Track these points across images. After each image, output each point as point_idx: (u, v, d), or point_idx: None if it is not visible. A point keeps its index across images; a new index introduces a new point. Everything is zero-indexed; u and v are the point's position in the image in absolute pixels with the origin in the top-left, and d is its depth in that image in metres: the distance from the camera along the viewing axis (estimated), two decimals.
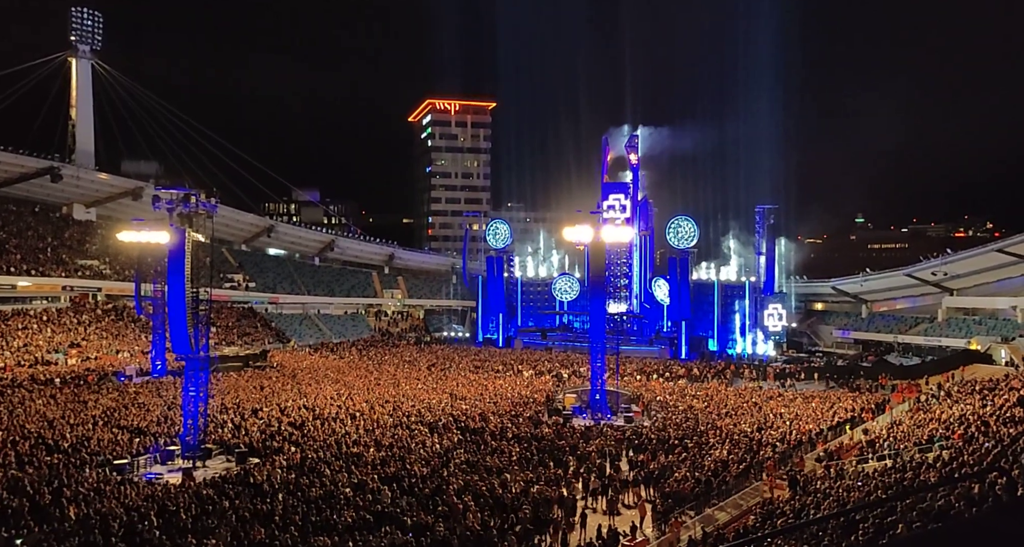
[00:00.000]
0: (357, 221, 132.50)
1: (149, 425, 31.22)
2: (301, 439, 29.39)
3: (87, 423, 30.95)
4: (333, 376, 48.43)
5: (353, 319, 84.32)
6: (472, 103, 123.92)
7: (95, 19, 76.45)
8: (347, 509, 20.11)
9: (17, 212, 68.40)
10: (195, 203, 30.37)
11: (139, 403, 36.32)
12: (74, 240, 69.30)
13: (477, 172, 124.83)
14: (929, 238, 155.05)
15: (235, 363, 51.51)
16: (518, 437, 30.79)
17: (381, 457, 26.33)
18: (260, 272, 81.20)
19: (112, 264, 66.69)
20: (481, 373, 53.00)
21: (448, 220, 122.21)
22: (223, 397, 37.74)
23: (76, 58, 75.93)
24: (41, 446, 26.68)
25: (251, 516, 19.55)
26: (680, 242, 69.17)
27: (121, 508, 19.77)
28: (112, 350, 54.80)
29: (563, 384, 48.87)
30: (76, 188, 71.23)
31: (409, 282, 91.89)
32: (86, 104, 76.23)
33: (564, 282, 77.93)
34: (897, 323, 71.63)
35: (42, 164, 67.53)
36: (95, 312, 62.21)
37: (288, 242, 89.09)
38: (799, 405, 40.48)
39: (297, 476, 23.57)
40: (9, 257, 60.81)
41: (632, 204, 72.04)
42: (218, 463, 27.76)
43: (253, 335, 68.23)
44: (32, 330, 54.65)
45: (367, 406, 36.93)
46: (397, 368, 54.36)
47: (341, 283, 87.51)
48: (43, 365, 47.96)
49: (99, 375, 44.76)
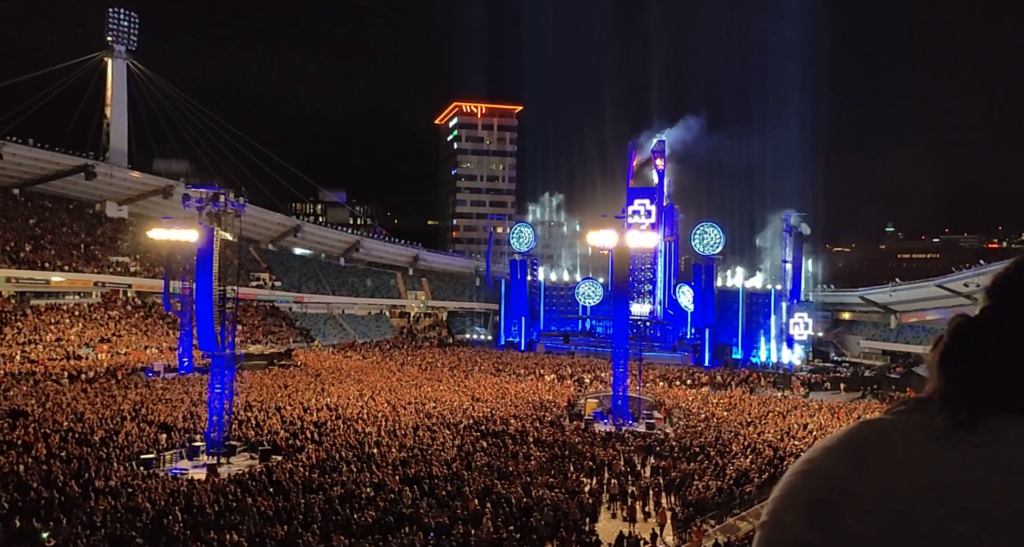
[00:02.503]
0: (382, 222, 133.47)
1: (175, 421, 31.68)
2: (323, 438, 29.63)
3: (116, 417, 31.50)
4: (356, 376, 48.75)
5: (377, 320, 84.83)
6: (498, 106, 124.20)
7: (131, 20, 77.87)
8: (368, 509, 20.23)
9: (52, 209, 69.87)
10: (224, 202, 30.80)
11: (166, 399, 36.90)
12: (106, 237, 70.60)
13: (502, 175, 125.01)
14: (962, 249, 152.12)
15: (260, 361, 52.05)
16: (539, 441, 30.75)
17: (402, 458, 26.46)
18: (286, 271, 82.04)
19: (142, 261, 67.81)
20: (503, 376, 53.01)
21: (473, 223, 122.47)
22: (248, 395, 38.17)
23: (112, 58, 77.37)
24: (71, 439, 27.19)
25: (273, 514, 19.75)
26: (705, 248, 68.63)
27: (147, 502, 20.08)
28: (141, 346, 55.74)
29: (585, 389, 48.70)
30: (109, 186, 72.56)
31: (433, 284, 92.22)
32: (120, 103, 77.67)
33: (587, 287, 77.66)
34: (927, 335, 70.29)
35: (77, 162, 68.90)
36: (125, 308, 63.31)
37: (314, 242, 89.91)
38: (824, 415, 39.94)
39: (319, 475, 23.77)
40: (44, 253, 62.14)
41: (657, 209, 71.61)
42: (242, 460, 28.07)
43: (278, 334, 68.93)
44: (64, 325, 55.77)
45: (389, 407, 37.12)
46: (419, 369, 54.57)
47: (365, 284, 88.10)
48: (74, 359, 48.92)
49: (128, 370, 45.54)
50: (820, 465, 1.01)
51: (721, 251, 69.75)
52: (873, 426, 1.06)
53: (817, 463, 1.02)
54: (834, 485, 0.97)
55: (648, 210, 70.90)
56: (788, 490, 1.01)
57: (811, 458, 1.03)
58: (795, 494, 1.01)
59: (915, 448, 0.97)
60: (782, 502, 1.01)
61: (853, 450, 1.02)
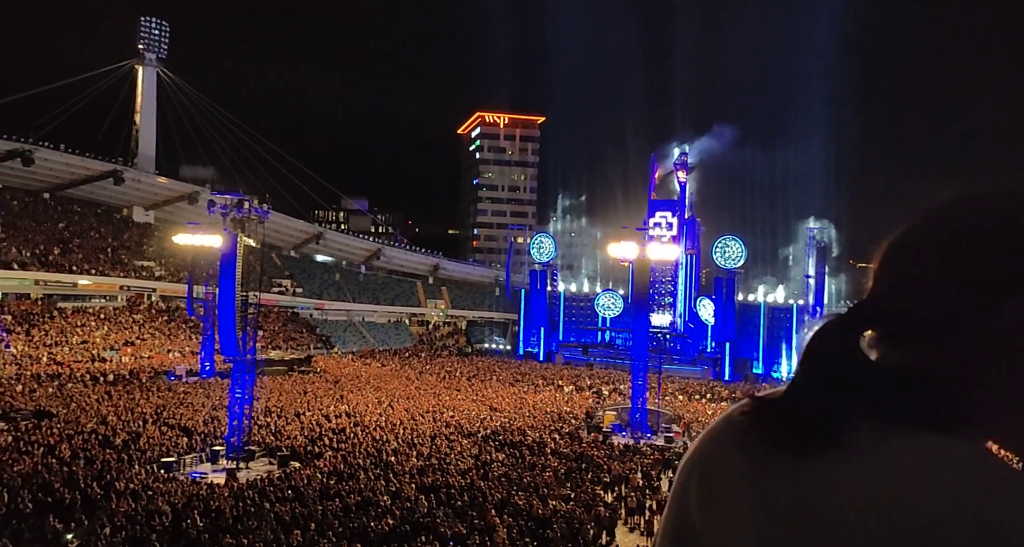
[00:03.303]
0: (404, 231, 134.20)
1: (196, 425, 31.96)
2: (341, 445, 29.71)
3: (138, 420, 31.86)
4: (375, 384, 48.92)
5: (396, 327, 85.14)
6: (521, 117, 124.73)
7: (162, 29, 79.40)
8: (385, 517, 20.22)
9: (81, 213, 71.13)
10: (248, 208, 31.12)
11: (187, 403, 37.25)
12: (132, 242, 71.69)
13: (524, 185, 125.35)
14: None
15: (280, 367, 52.36)
16: (557, 452, 30.59)
17: (419, 466, 26.45)
18: (308, 278, 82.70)
19: (167, 266, 68.74)
20: (521, 386, 52.89)
21: (493, 232, 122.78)
22: (267, 400, 38.43)
23: (143, 66, 78.89)
24: (94, 441, 27.53)
25: (290, 520, 19.81)
26: (727, 262, 68.14)
27: (167, 505, 20.25)
28: (164, 350, 56.43)
29: (603, 401, 48.43)
30: (137, 191, 73.75)
31: (452, 293, 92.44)
32: (150, 110, 79.09)
33: (607, 298, 77.40)
34: None
35: (106, 167, 70.14)
36: (149, 312, 64.17)
37: (336, 249, 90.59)
38: None
39: (336, 482, 23.82)
40: (72, 256, 63.23)
41: (679, 222, 71.32)
42: (260, 465, 28.21)
43: (299, 340, 69.42)
44: (90, 327, 56.64)
45: (407, 415, 37.18)
46: (438, 378, 54.63)
47: (386, 291, 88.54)
48: (99, 362, 49.62)
49: (151, 374, 46.08)
50: (679, 493, 0.98)
51: (743, 265, 69.22)
52: (716, 444, 0.96)
53: (676, 493, 0.99)
54: (689, 523, 0.94)
55: (670, 222, 70.65)
56: (664, 517, 1.00)
57: (677, 480, 1.00)
58: (665, 524, 0.99)
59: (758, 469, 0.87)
60: (662, 526, 1.00)
61: (702, 476, 0.94)
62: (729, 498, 0.88)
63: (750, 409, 0.94)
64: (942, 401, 0.84)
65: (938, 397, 0.84)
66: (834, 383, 0.88)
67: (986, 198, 0.91)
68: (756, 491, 0.85)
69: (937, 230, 0.91)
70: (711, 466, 0.93)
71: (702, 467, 0.94)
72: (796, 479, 0.83)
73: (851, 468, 0.80)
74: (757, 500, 0.85)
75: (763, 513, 0.84)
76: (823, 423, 0.84)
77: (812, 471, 0.82)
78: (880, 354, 0.92)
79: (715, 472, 0.92)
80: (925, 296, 0.89)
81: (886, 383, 0.87)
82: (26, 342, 50.16)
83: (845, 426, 0.83)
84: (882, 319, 0.92)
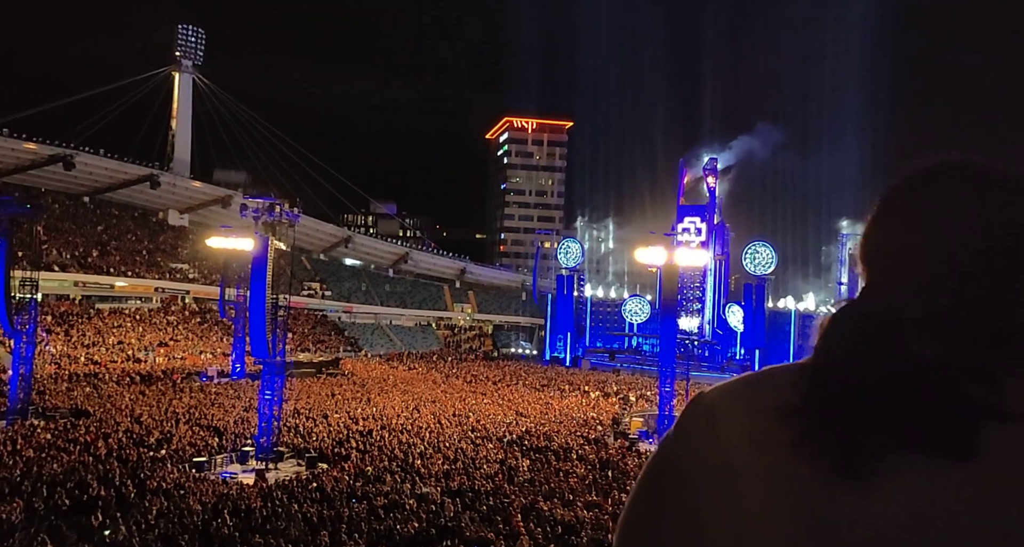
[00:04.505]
0: (431, 235, 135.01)
1: (227, 425, 32.49)
2: (368, 447, 29.97)
3: (171, 420, 32.48)
4: (402, 387, 49.24)
5: (423, 331, 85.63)
6: (549, 122, 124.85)
7: (198, 35, 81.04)
8: (410, 520, 20.37)
9: (119, 216, 72.83)
10: (279, 212, 31.56)
11: (219, 403, 37.88)
12: (168, 244, 73.18)
13: (551, 190, 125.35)
14: None
15: (309, 369, 52.99)
16: (583, 458, 30.51)
17: (445, 470, 26.57)
18: (336, 281, 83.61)
19: (200, 268, 70.01)
20: (547, 391, 52.81)
21: (520, 237, 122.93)
22: (296, 402, 38.91)
23: (179, 72, 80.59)
24: (128, 440, 28.14)
25: (318, 521, 20.05)
26: (757, 268, 67.40)
27: (198, 504, 20.63)
28: (196, 351, 57.46)
29: (630, 407, 48.16)
30: (172, 195, 75.32)
31: (479, 297, 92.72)
32: (185, 115, 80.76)
33: (635, 304, 77.02)
34: None
35: (143, 171, 71.77)
36: (183, 314, 65.40)
37: (364, 253, 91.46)
38: None
39: (363, 484, 24.04)
40: (109, 258, 64.74)
41: (708, 227, 70.77)
42: (289, 466, 28.58)
43: (327, 342, 70.18)
44: (126, 328, 57.91)
45: (433, 418, 37.37)
46: (464, 382, 54.80)
47: (413, 295, 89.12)
48: (134, 362, 50.71)
49: (183, 374, 46.96)
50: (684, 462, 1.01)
51: (773, 271, 68.42)
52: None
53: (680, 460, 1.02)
54: (694, 505, 0.97)
55: (698, 228, 70.17)
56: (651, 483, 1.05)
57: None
58: (652, 490, 1.05)
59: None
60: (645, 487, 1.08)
61: (725, 468, 0.93)
62: (757, 504, 0.86)
63: (800, 408, 0.92)
64: (972, 421, 0.78)
65: (971, 411, 0.79)
66: (868, 396, 0.85)
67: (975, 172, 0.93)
68: (787, 506, 0.82)
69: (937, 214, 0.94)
70: (738, 459, 0.89)
71: (722, 456, 0.91)
72: (831, 502, 0.79)
73: (882, 500, 0.77)
74: (788, 517, 0.82)
75: (792, 527, 0.81)
76: (863, 448, 0.80)
77: (848, 497, 0.78)
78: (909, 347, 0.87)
79: (741, 471, 0.89)
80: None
81: (919, 390, 0.82)
82: (65, 342, 51.46)
83: (878, 452, 0.80)
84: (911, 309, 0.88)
